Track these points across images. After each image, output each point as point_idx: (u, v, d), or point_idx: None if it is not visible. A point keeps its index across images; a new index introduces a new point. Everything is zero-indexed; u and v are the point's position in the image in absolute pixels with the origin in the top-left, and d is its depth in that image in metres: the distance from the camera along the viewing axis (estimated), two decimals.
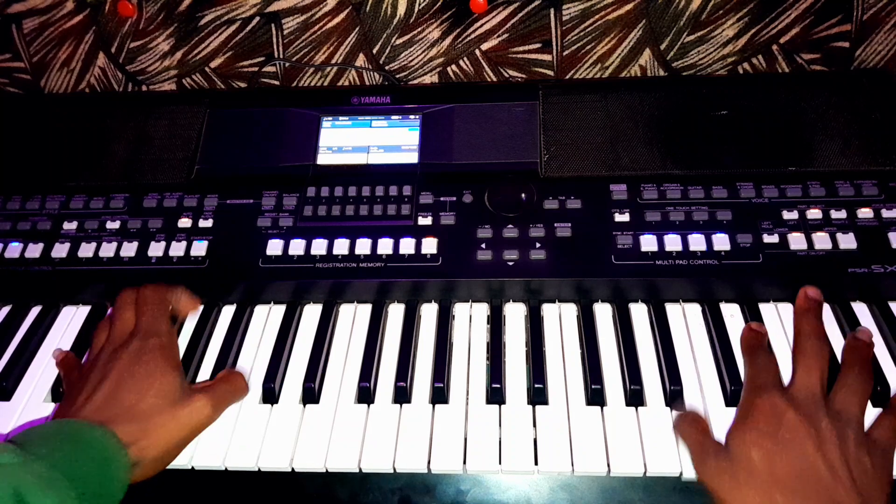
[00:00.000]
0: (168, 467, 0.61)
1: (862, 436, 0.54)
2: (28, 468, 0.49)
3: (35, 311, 0.75)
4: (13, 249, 0.75)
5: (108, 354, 0.63)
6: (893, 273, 0.67)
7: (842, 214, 0.71)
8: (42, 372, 0.69)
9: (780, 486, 0.51)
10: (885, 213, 0.71)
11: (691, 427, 0.59)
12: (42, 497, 0.48)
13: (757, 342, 0.64)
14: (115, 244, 0.75)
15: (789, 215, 0.71)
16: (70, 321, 0.74)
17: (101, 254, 0.74)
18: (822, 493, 0.50)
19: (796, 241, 0.69)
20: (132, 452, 0.56)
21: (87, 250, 0.74)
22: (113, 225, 0.76)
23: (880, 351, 0.65)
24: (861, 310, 0.68)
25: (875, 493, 0.52)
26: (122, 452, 0.55)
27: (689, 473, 0.57)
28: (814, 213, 0.71)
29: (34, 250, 0.75)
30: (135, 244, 0.74)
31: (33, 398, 0.67)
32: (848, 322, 0.67)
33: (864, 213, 0.71)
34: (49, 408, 0.66)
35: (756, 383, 0.59)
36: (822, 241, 0.69)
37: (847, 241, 0.69)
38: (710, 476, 0.55)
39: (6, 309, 0.76)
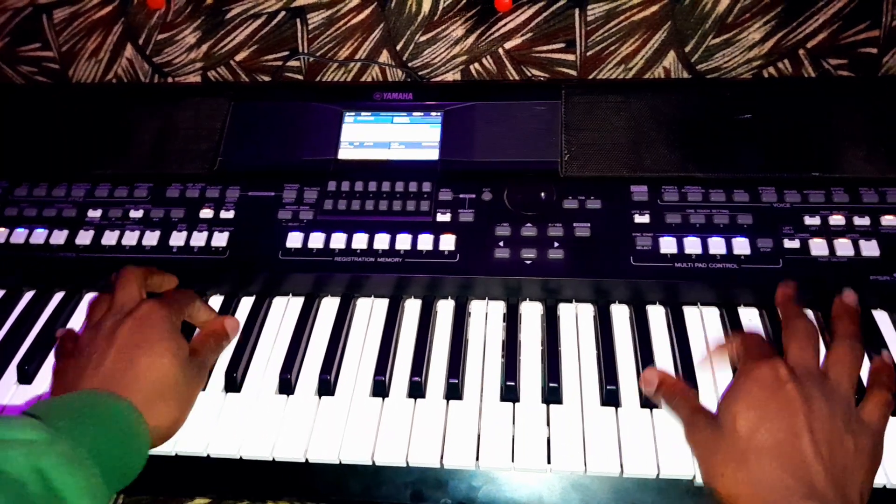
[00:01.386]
0: (183, 455, 0.61)
1: (850, 416, 0.54)
2: (52, 446, 0.48)
3: (58, 296, 0.76)
4: (38, 235, 0.76)
5: (112, 321, 0.61)
6: None
7: (865, 221, 0.70)
8: None
9: (757, 452, 0.51)
10: None
11: (682, 397, 0.59)
12: (67, 476, 0.47)
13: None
14: (137, 233, 0.76)
15: (811, 221, 0.71)
16: None
17: (124, 242, 0.75)
18: (798, 467, 0.50)
19: (818, 246, 0.69)
20: (150, 420, 0.55)
21: (110, 238, 0.75)
22: (136, 214, 0.77)
23: None
24: (882, 318, 0.68)
25: (852, 477, 0.51)
26: (142, 423, 0.54)
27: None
28: (836, 220, 0.71)
29: (59, 237, 0.76)
30: (157, 233, 0.75)
31: None
32: (869, 329, 0.66)
33: (888, 220, 0.70)
34: None
35: (757, 353, 0.58)
36: (844, 247, 0.69)
37: (870, 249, 0.68)
38: (695, 443, 0.55)
39: (30, 294, 0.77)
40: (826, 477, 0.50)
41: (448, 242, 0.72)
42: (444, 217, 0.75)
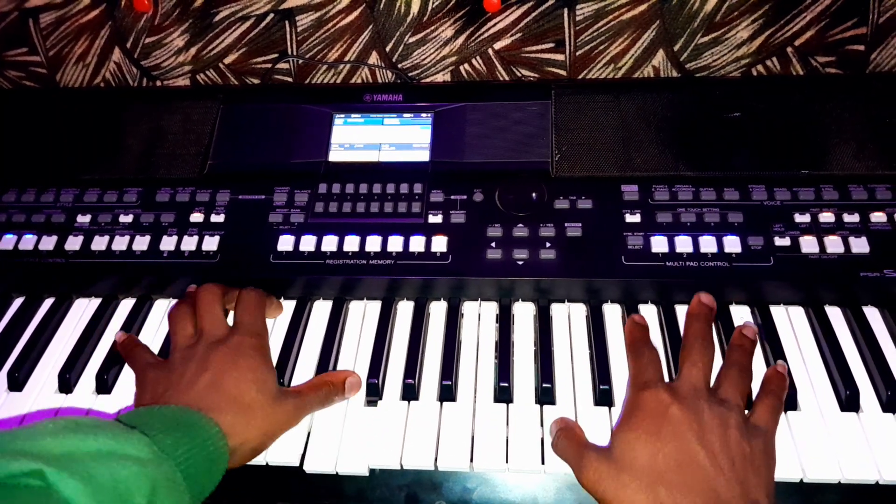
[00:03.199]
0: None
1: (743, 422, 0.55)
2: (160, 467, 0.48)
3: (48, 302, 0.76)
4: (27, 241, 0.76)
5: (205, 346, 0.62)
6: None
7: (854, 218, 0.71)
8: (54, 364, 0.70)
9: (664, 481, 0.51)
10: None
11: (566, 440, 0.58)
12: (166, 499, 0.47)
13: (640, 336, 0.64)
14: (127, 238, 0.75)
15: (801, 218, 0.71)
16: (82, 313, 0.75)
17: (114, 247, 0.75)
18: (703, 484, 0.50)
19: (808, 244, 0.69)
20: (231, 442, 0.55)
21: (100, 243, 0.75)
22: (126, 218, 0.77)
23: (892, 357, 0.64)
24: (872, 314, 0.68)
25: (756, 480, 0.52)
26: (227, 448, 0.54)
27: None
28: (826, 217, 0.71)
29: (48, 242, 0.76)
30: (147, 238, 0.75)
31: (45, 390, 0.68)
32: (860, 327, 0.66)
33: (878, 217, 0.71)
34: (59, 399, 0.67)
35: (641, 379, 0.59)
36: (834, 244, 0.69)
37: (859, 245, 0.69)
38: (593, 482, 0.54)
39: (19, 300, 0.76)
40: (731, 486, 0.50)
41: (440, 244, 0.72)
42: (435, 218, 0.74)
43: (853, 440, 0.59)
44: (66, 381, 0.68)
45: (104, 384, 0.67)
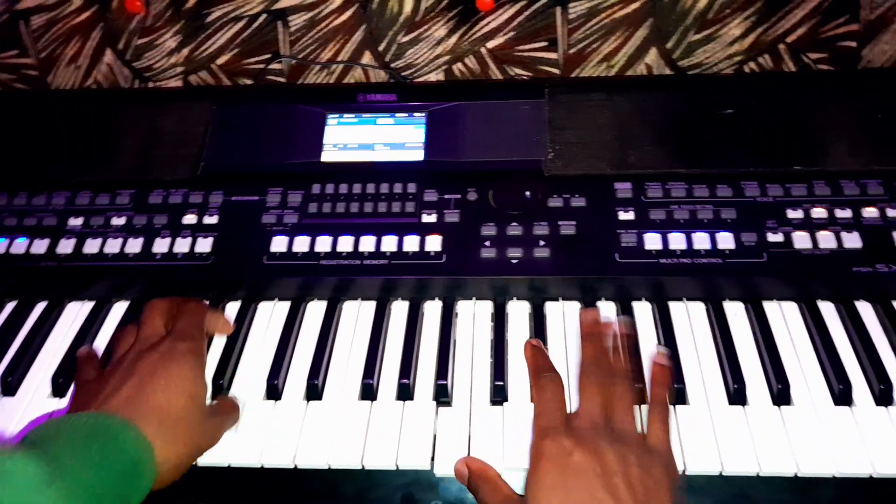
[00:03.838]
0: None
1: (641, 453, 0.54)
2: (50, 487, 0.45)
3: (40, 306, 0.75)
4: (19, 245, 0.75)
5: (136, 353, 0.60)
6: None
7: (847, 214, 0.71)
8: (47, 368, 0.70)
9: None
10: (890, 213, 0.70)
11: (486, 484, 0.57)
12: None
13: (542, 364, 0.64)
14: (120, 240, 0.75)
15: (794, 214, 0.71)
16: (75, 317, 0.74)
17: (107, 250, 0.74)
18: None
19: (801, 239, 0.69)
20: (157, 455, 0.53)
21: (92, 246, 0.75)
22: (118, 221, 0.77)
23: (884, 351, 0.65)
24: (865, 309, 0.68)
25: None
26: (150, 456, 0.52)
27: (692, 470, 0.57)
28: (818, 212, 0.71)
29: (40, 246, 0.75)
30: (140, 240, 0.75)
31: (38, 394, 0.68)
32: (852, 321, 0.67)
33: (869, 212, 0.71)
34: (53, 404, 0.67)
35: (542, 423, 0.58)
36: (826, 240, 0.69)
37: (852, 241, 0.69)
38: None
39: (11, 304, 0.76)
40: None
41: (434, 243, 0.72)
42: (429, 218, 0.74)
43: (846, 434, 0.59)
44: (60, 385, 0.67)
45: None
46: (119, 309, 0.75)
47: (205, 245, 0.74)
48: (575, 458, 0.53)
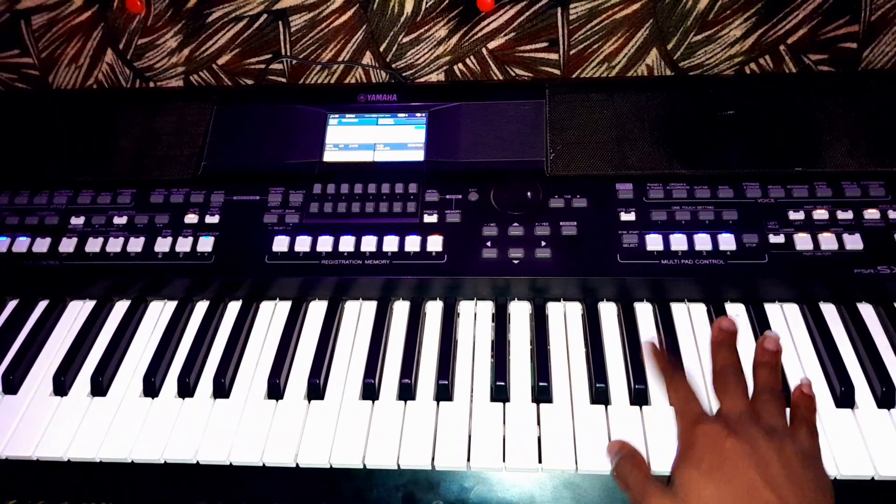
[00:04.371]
0: (174, 462, 0.61)
1: (797, 447, 0.53)
2: None
3: (42, 305, 0.75)
4: (21, 244, 0.75)
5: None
6: None
7: (848, 215, 0.71)
8: (48, 366, 0.70)
9: None
10: (892, 214, 0.71)
11: (633, 467, 0.56)
12: None
13: (669, 364, 0.63)
14: (122, 239, 0.75)
15: (795, 216, 0.71)
16: (76, 315, 0.74)
17: (108, 249, 0.74)
18: None
19: (802, 241, 0.69)
20: None
21: (94, 245, 0.75)
22: (120, 220, 0.77)
23: (886, 352, 0.65)
24: (867, 311, 0.68)
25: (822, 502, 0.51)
26: None
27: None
28: (820, 214, 0.71)
29: (42, 245, 0.75)
30: (142, 239, 0.75)
31: (39, 392, 0.68)
32: (854, 323, 0.67)
33: (871, 213, 0.71)
34: (54, 402, 0.67)
35: (690, 412, 0.57)
36: (828, 241, 0.69)
37: (853, 242, 0.69)
38: None
39: (13, 303, 0.76)
40: None
41: (435, 243, 0.72)
42: (430, 218, 0.74)
43: (849, 436, 0.59)
44: (62, 383, 0.68)
45: (99, 386, 0.67)
46: (120, 308, 0.75)
47: (206, 244, 0.74)
48: (729, 444, 0.53)
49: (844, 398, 0.61)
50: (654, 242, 0.70)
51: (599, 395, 0.63)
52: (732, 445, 0.53)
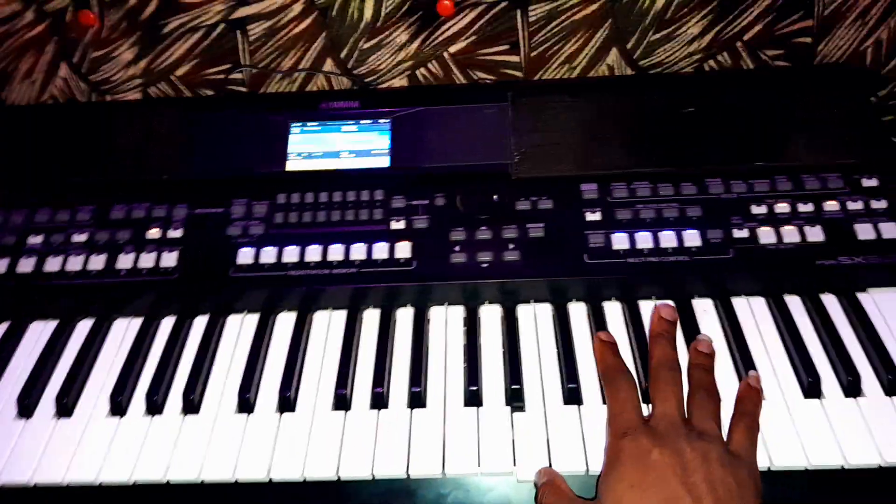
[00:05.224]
0: (144, 482, 0.60)
1: (724, 453, 0.54)
2: None
3: (1, 328, 0.73)
4: None
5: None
6: (860, 264, 0.68)
7: (809, 208, 0.72)
8: (12, 389, 0.68)
9: None
10: (850, 205, 0.72)
11: (553, 495, 0.56)
12: None
13: (613, 363, 0.63)
14: (82, 257, 0.73)
15: (758, 210, 0.72)
16: (38, 337, 0.73)
17: (69, 268, 0.73)
18: None
19: (765, 235, 0.70)
20: None
21: (53, 264, 0.73)
22: (80, 237, 0.75)
23: (850, 342, 0.66)
24: (830, 301, 0.69)
25: None
26: None
27: None
28: (781, 207, 0.72)
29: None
30: (103, 257, 0.73)
31: (3, 416, 0.66)
32: (818, 315, 0.68)
33: (830, 205, 0.72)
34: (20, 425, 0.65)
35: (619, 423, 0.57)
36: (790, 234, 0.70)
37: (814, 234, 0.70)
38: None
39: None
40: None
41: (404, 250, 0.72)
42: (398, 224, 0.74)
43: (817, 426, 0.60)
44: (26, 406, 0.66)
45: (64, 407, 0.66)
46: (84, 327, 0.73)
47: (170, 259, 0.73)
48: (654, 456, 0.53)
49: (811, 388, 0.62)
50: (620, 241, 0.71)
51: (572, 395, 0.63)
52: (657, 457, 0.53)
